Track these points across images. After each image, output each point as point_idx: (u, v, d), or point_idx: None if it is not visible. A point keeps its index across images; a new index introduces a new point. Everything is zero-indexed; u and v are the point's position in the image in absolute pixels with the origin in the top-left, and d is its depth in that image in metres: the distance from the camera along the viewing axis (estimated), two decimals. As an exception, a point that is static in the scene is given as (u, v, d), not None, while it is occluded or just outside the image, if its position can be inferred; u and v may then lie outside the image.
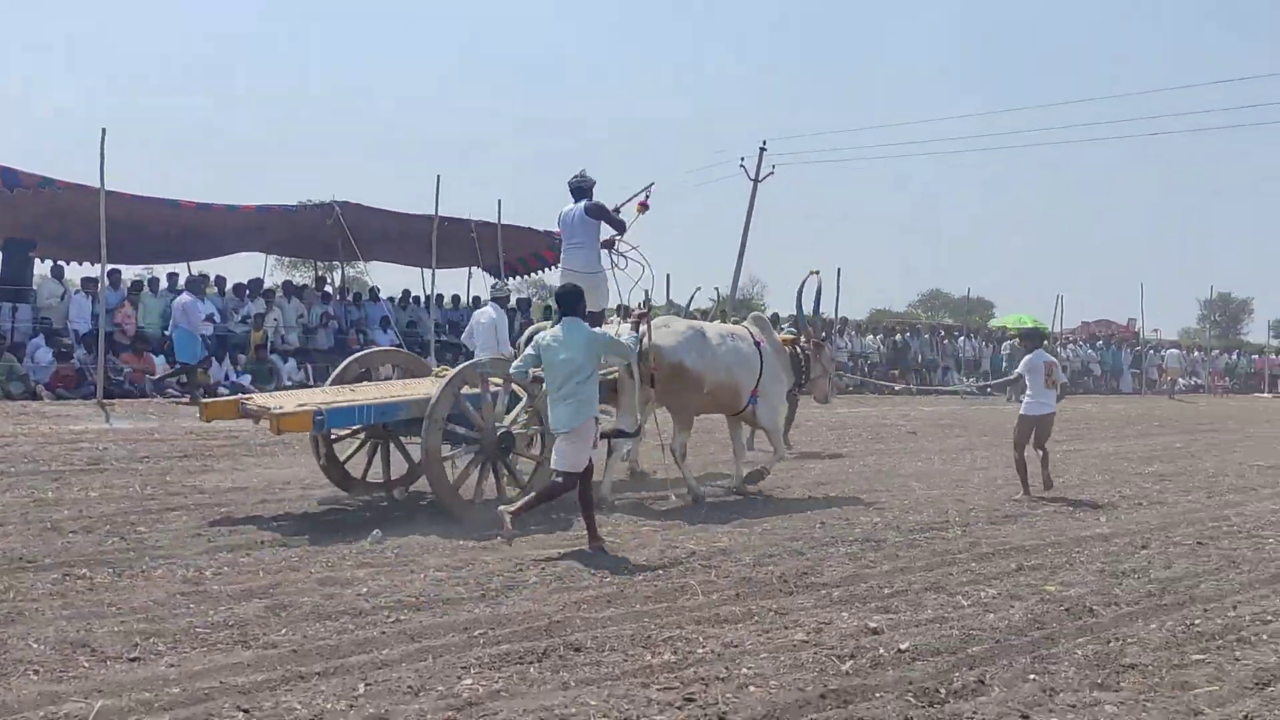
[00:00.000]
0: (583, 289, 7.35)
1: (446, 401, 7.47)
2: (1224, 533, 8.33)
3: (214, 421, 9.27)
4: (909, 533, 7.75)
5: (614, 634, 4.98)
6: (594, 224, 9.13)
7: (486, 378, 7.87)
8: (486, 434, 7.71)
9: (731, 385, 8.98)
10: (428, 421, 7.37)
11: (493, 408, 7.81)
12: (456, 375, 7.75)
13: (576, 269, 9.09)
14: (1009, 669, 4.72)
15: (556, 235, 21.36)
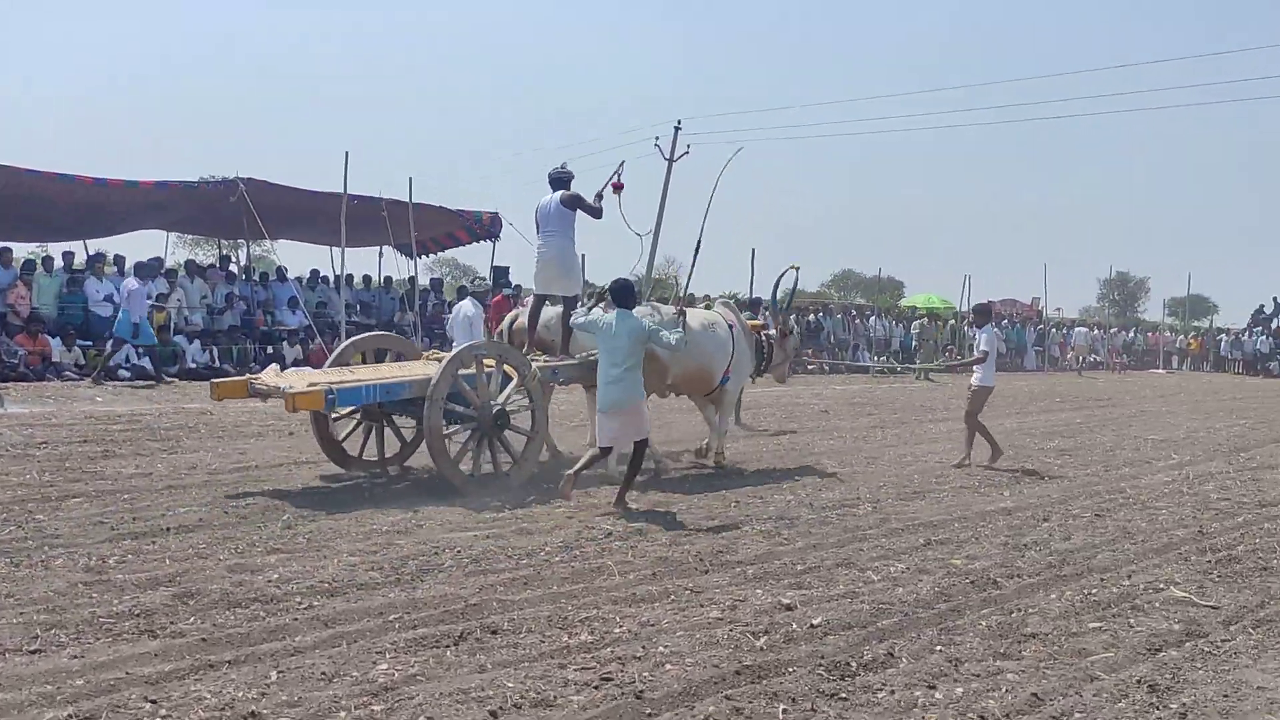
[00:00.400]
0: (629, 282, 8.10)
1: (446, 381, 7.84)
2: (1120, 505, 8.66)
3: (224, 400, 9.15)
4: (821, 510, 7.89)
5: (531, 616, 4.98)
6: (569, 214, 9.29)
7: (482, 359, 8.25)
8: (483, 411, 8.05)
9: (708, 369, 9.45)
10: (429, 400, 7.74)
11: (488, 387, 8.16)
12: (455, 356, 8.13)
13: (550, 257, 9.33)
14: (917, 641, 4.85)
15: (468, 214, 21.45)
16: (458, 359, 8.09)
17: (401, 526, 6.77)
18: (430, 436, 7.82)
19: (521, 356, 8.78)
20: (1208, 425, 16.48)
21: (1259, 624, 5.39)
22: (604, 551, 6.29)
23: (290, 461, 9.03)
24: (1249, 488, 9.88)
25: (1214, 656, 4.84)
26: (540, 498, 7.87)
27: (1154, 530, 7.66)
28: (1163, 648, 4.93)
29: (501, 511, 7.34)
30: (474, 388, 8.09)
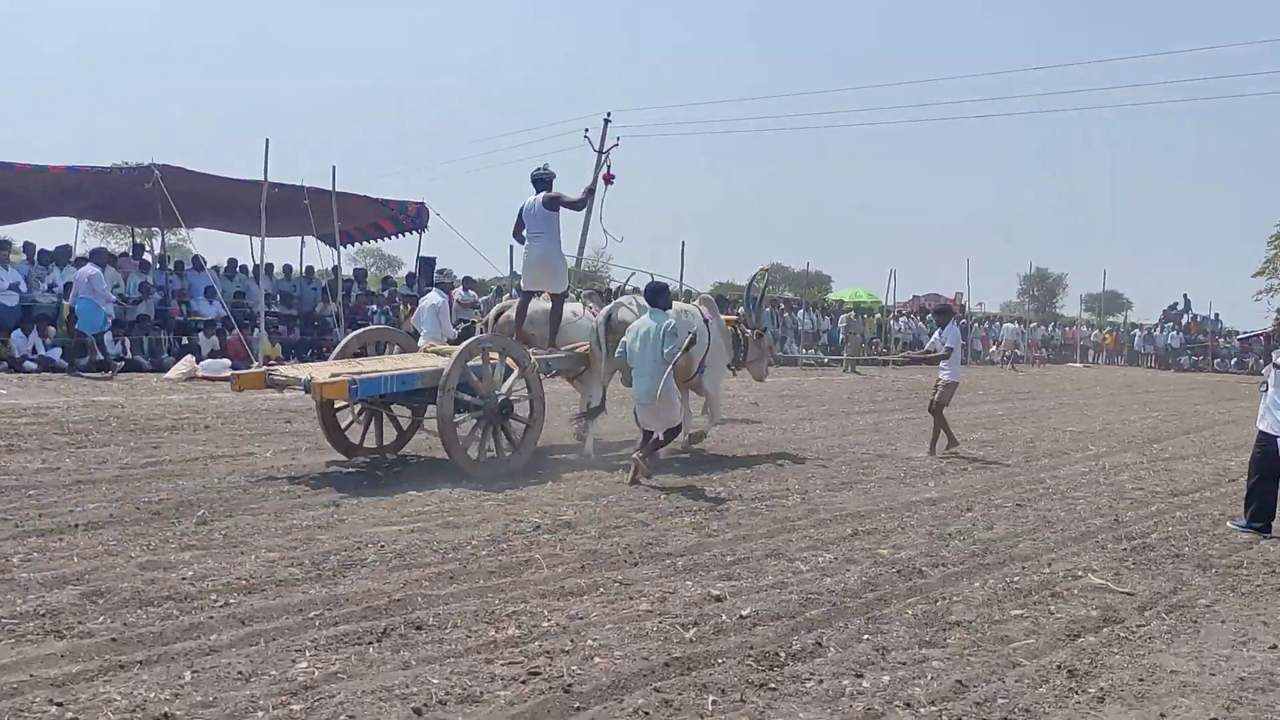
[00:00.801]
0: (664, 285, 8.83)
1: (457, 372, 8.30)
2: (1040, 495, 8.84)
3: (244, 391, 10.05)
4: (750, 501, 7.91)
5: (457, 610, 4.89)
6: (553, 215, 9.57)
7: (488, 351, 8.76)
8: (489, 400, 8.53)
9: (687, 357, 9.42)
10: (442, 390, 8.17)
11: (493, 378, 8.66)
12: (464, 349, 8.57)
13: (537, 256, 9.67)
14: (844, 630, 4.88)
15: (394, 205, 21.13)
16: (467, 351, 8.54)
17: (323, 521, 6.61)
18: (442, 423, 8.22)
19: (523, 349, 9.20)
20: (1122, 418, 16.96)
21: (1172, 609, 5.54)
22: (532, 545, 6.22)
23: (206, 456, 8.78)
24: (1162, 478, 10.18)
25: (1130, 641, 4.95)
26: (471, 487, 7.77)
27: (1072, 519, 7.83)
28: (1081, 633, 5.03)
29: (426, 505, 7.22)
30: (480, 379, 8.57)
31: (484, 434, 8.59)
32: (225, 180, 17.69)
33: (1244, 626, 5.30)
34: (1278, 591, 6.02)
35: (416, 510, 7.05)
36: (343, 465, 8.67)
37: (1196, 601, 5.72)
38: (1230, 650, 4.90)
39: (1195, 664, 4.68)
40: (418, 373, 8.54)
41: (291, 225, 19.95)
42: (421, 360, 9.32)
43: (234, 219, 19.75)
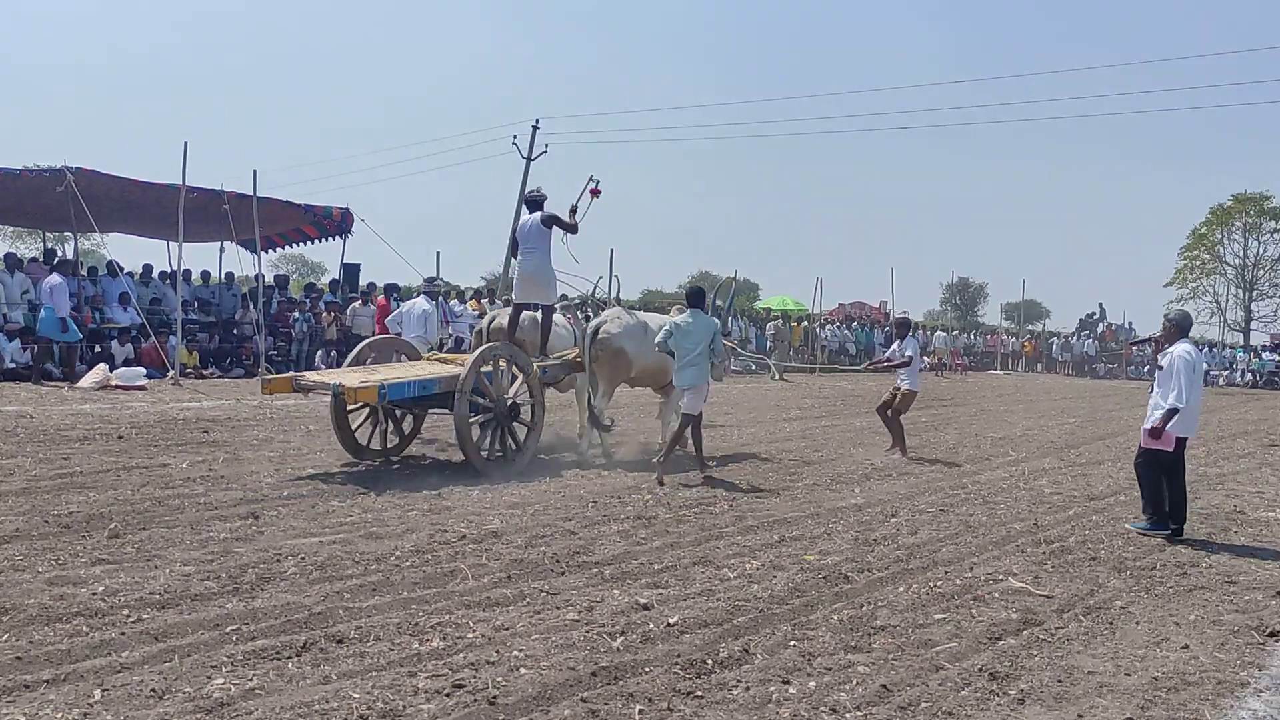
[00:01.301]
0: (702, 289, 9.76)
1: (473, 377, 8.98)
2: (962, 500, 8.99)
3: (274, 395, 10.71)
4: (678, 509, 7.91)
5: (379, 623, 4.80)
6: (548, 232, 10.17)
7: (499, 358, 9.46)
8: (498, 404, 9.26)
9: (664, 364, 10.35)
10: (459, 393, 8.85)
11: (502, 383, 9.40)
12: (478, 356, 9.24)
13: (531, 270, 10.26)
14: (771, 637, 4.89)
15: (317, 210, 20.82)
16: (481, 358, 9.22)
17: (241, 533, 6.44)
18: (459, 424, 8.89)
19: (527, 358, 9.90)
20: (1041, 424, 17.36)
21: (1089, 611, 5.66)
22: (457, 555, 6.13)
23: (119, 467, 8.51)
24: (1079, 482, 10.43)
25: (1049, 644, 5.04)
26: (396, 493, 7.64)
27: (994, 524, 7.97)
28: (1002, 636, 5.11)
29: (349, 515, 7.09)
30: (491, 384, 9.30)
31: (493, 435, 9.30)
32: (141, 184, 17.23)
33: (1157, 627, 5.44)
34: (1189, 592, 6.20)
35: (338, 521, 6.92)
36: (260, 475, 8.47)
37: (1112, 603, 5.86)
38: (1144, 650, 5.02)
39: (1111, 664, 4.78)
40: (437, 378, 9.21)
41: (210, 230, 19.53)
42: (438, 367, 9.90)
43: (150, 224, 19.26)
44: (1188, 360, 7.70)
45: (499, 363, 9.47)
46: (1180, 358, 7.72)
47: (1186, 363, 7.68)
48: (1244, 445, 15.43)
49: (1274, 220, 56.57)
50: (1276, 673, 4.78)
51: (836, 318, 39.45)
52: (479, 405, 9.13)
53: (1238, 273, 57.89)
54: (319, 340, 19.51)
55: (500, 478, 8.81)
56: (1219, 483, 10.97)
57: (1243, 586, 6.39)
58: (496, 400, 9.31)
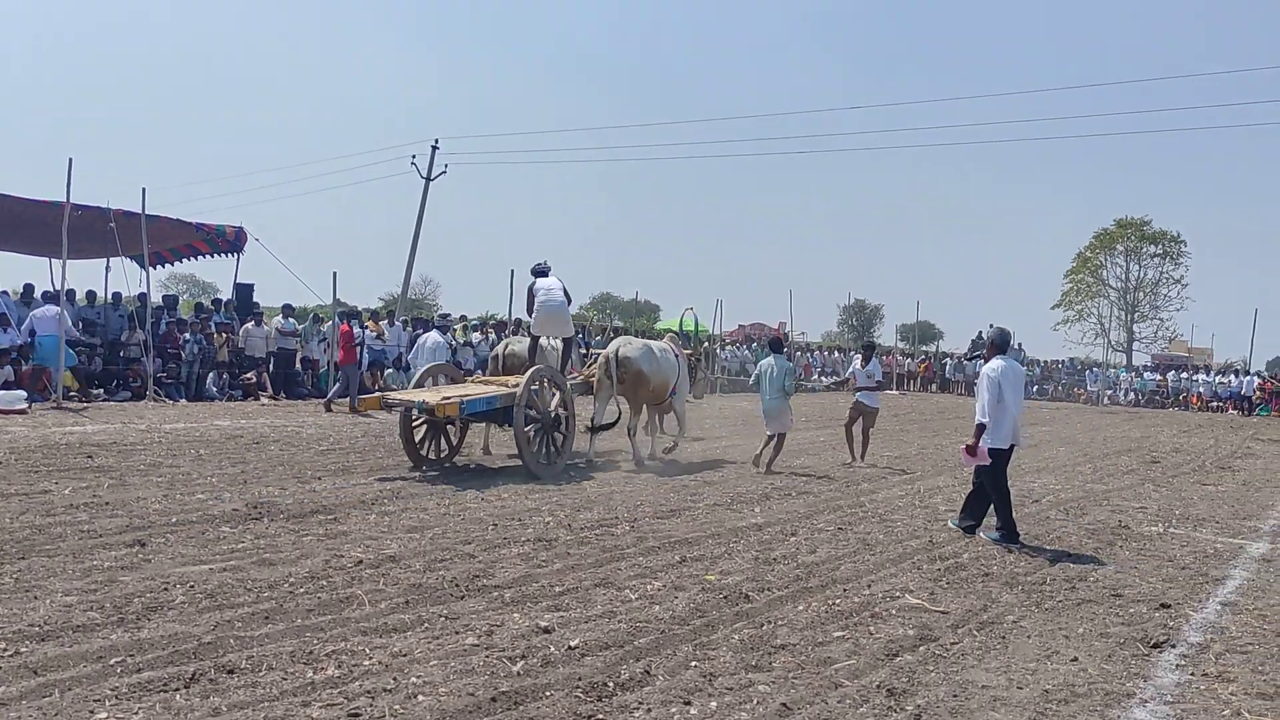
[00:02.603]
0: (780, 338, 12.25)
1: (528, 394, 10.74)
2: (860, 518, 9.14)
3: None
4: (580, 530, 7.86)
5: (272, 652, 4.65)
6: (562, 288, 12.38)
7: (543, 379, 11.27)
8: (545, 416, 10.97)
9: (666, 385, 12.71)
10: (518, 407, 10.60)
11: (546, 399, 11.16)
12: (530, 377, 10.96)
13: (551, 312, 12.24)
14: (673, 658, 4.88)
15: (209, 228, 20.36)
16: (530, 379, 10.91)
17: (126, 562, 6.18)
18: (518, 432, 10.61)
19: (563, 378, 11.83)
20: (935, 442, 17.79)
21: (983, 626, 5.79)
22: (353, 580, 5.98)
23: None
24: (972, 499, 10.68)
25: (944, 659, 5.14)
26: (290, 520, 7.43)
27: (890, 541, 8.11)
28: (899, 653, 5.19)
29: (241, 542, 6.87)
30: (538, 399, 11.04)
31: (541, 442, 10.96)
32: (21, 200, 16.47)
33: (1048, 640, 5.59)
34: (1078, 606, 6.39)
35: (230, 547, 6.69)
36: (148, 502, 8.14)
37: (1005, 618, 6.00)
38: (1036, 664, 5.15)
39: (1004, 678, 4.89)
40: (499, 395, 10.99)
41: (96, 248, 18.79)
42: (493, 387, 11.54)
43: (31, 241, 18.42)
44: (990, 377, 8.32)
45: (543, 382, 11.25)
46: (985, 375, 8.43)
47: (990, 380, 8.31)
48: (1127, 462, 16.05)
49: (1153, 244, 59.30)
50: (1160, 683, 4.95)
51: (737, 338, 39.92)
52: (530, 417, 10.79)
53: (1120, 295, 60.44)
54: (210, 362, 18.90)
55: (550, 477, 10.52)
56: (1104, 499, 11.38)
57: (1128, 600, 6.62)
58: (543, 413, 11.02)
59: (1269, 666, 5.28)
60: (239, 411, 16.48)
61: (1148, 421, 28.82)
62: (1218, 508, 11.23)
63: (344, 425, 14.94)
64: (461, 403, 10.34)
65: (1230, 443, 21.62)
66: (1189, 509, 10.97)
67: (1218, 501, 11.79)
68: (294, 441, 12.57)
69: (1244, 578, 7.53)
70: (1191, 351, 60.63)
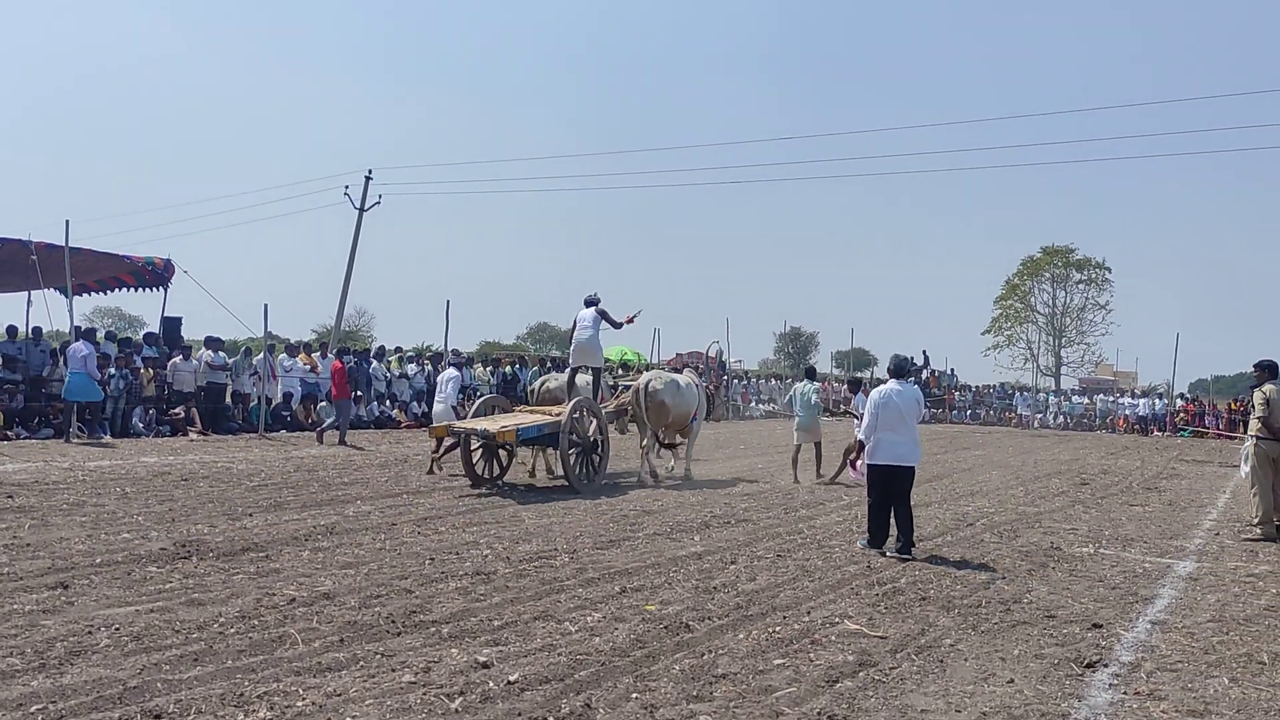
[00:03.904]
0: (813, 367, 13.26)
1: (570, 422, 12.52)
2: (799, 545, 9.17)
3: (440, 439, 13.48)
4: (518, 563, 7.78)
5: (201, 695, 4.51)
6: (598, 319, 13.89)
7: (583, 409, 13.07)
8: (586, 440, 12.91)
9: (689, 413, 14.65)
10: (563, 433, 12.39)
11: (585, 425, 13.05)
12: (574, 406, 12.85)
13: (584, 344, 14.01)
14: (614, 690, 4.83)
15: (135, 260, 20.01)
16: (574, 409, 12.77)
17: (48, 605, 5.97)
18: (564, 454, 12.42)
19: (599, 407, 13.69)
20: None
21: (921, 650, 5.83)
22: (286, 619, 5.84)
23: (-92, 536, 7.80)
24: (908, 524, 10.80)
25: (884, 684, 5.16)
26: (220, 559, 7.24)
27: (829, 567, 8.15)
28: (840, 679, 5.20)
29: (168, 582, 6.68)
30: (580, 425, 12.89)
31: (580, 463, 12.68)
32: (-62, 235, 16.05)
33: (984, 663, 5.64)
34: (1013, 628, 6.46)
35: (157, 588, 6.50)
36: (71, 542, 7.89)
37: (942, 641, 6.05)
38: (973, 686, 5.20)
39: (943, 701, 4.92)
40: (546, 422, 12.57)
41: (16, 281, 18.32)
42: (539, 415, 13.11)
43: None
44: (872, 400, 9.11)
45: (583, 411, 12.99)
46: (870, 398, 9.22)
47: (872, 400, 9.11)
48: (1058, 484, 16.35)
49: (1079, 271, 60.92)
50: (1094, 703, 5.02)
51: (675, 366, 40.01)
52: (573, 441, 12.52)
53: (1048, 320, 61.92)
54: (136, 397, 18.42)
55: (589, 493, 12.21)
56: (1036, 521, 11.57)
57: (1061, 620, 6.72)
58: (583, 438, 12.84)
59: (1198, 684, 5.39)
60: (167, 448, 16.10)
61: (1076, 444, 29.44)
62: (1145, 528, 11.48)
63: (276, 460, 14.67)
64: (517, 429, 12.08)
65: (1156, 464, 22.17)
66: (1118, 529, 11.20)
67: (1145, 522, 12.05)
68: (224, 478, 12.31)
69: (1172, 596, 7.69)
70: (1117, 375, 62.31)
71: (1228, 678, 5.51)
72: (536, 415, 13.14)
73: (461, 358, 20.26)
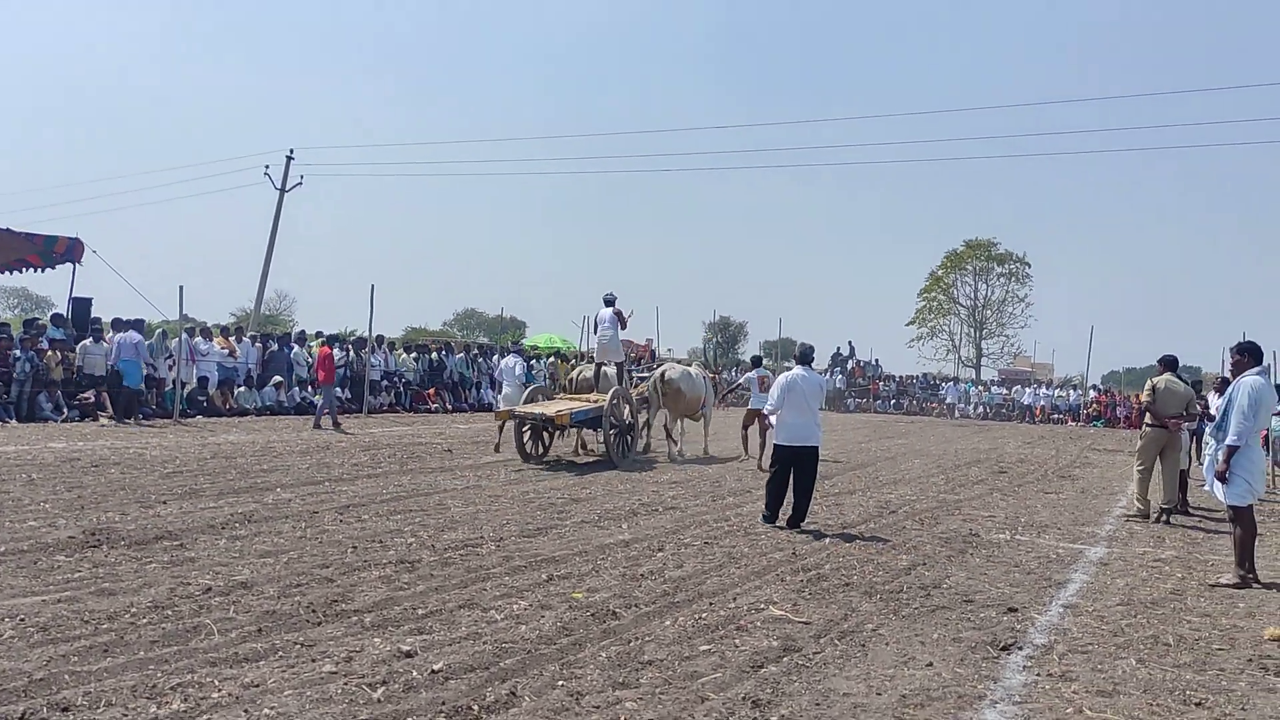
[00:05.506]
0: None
1: (611, 407, 14.67)
2: (726, 532, 9.23)
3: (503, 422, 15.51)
4: (444, 551, 7.69)
5: (111, 687, 4.37)
6: (615, 319, 16.16)
7: (620, 397, 15.09)
8: (622, 423, 15.04)
9: (699, 400, 16.75)
10: (605, 416, 14.58)
11: (622, 410, 15.17)
12: (614, 394, 14.95)
13: (605, 342, 16.39)
14: (539, 678, 4.80)
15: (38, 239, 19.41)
16: (613, 396, 14.87)
17: (-51, 596, 5.74)
18: (607, 435, 14.63)
19: (630, 394, 15.88)
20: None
21: (843, 635, 5.90)
22: (201, 609, 5.69)
23: None
24: (832, 512, 10.96)
25: (807, 669, 5.21)
26: (131, 547, 7.03)
27: (755, 554, 8.22)
28: (764, 664, 5.24)
29: (77, 571, 6.46)
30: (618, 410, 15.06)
31: (621, 441, 14.87)
32: None
33: (904, 647, 5.73)
34: (932, 613, 6.58)
35: (65, 577, 6.29)
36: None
37: (864, 626, 6.14)
38: (894, 670, 5.28)
39: (864, 685, 4.99)
40: (594, 407, 14.78)
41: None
42: (582, 402, 15.33)
43: None
44: (779, 383, 9.96)
45: (620, 399, 15.07)
46: (777, 380, 10.14)
47: (778, 384, 9.95)
48: (977, 473, 16.72)
49: (1000, 264, 62.26)
50: (1009, 684, 5.13)
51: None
52: (613, 423, 14.66)
53: (970, 313, 63.20)
54: (44, 380, 17.78)
55: (625, 466, 14.41)
56: (956, 508, 11.81)
57: (979, 605, 6.86)
58: (620, 420, 14.98)
59: (1107, 665, 5.54)
60: (76, 433, 15.60)
61: (995, 434, 30.14)
62: (1059, 515, 11.80)
63: (192, 446, 14.31)
64: (571, 414, 14.23)
65: (1070, 453, 22.80)
66: (1033, 516, 11.48)
67: (1059, 509, 12.38)
68: (137, 464, 11.96)
69: (1083, 581, 7.90)
70: (1034, 367, 63.87)
71: (1135, 659, 5.68)
72: (577, 402, 15.41)
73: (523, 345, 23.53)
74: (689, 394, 16.53)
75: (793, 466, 9.81)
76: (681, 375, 16.69)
